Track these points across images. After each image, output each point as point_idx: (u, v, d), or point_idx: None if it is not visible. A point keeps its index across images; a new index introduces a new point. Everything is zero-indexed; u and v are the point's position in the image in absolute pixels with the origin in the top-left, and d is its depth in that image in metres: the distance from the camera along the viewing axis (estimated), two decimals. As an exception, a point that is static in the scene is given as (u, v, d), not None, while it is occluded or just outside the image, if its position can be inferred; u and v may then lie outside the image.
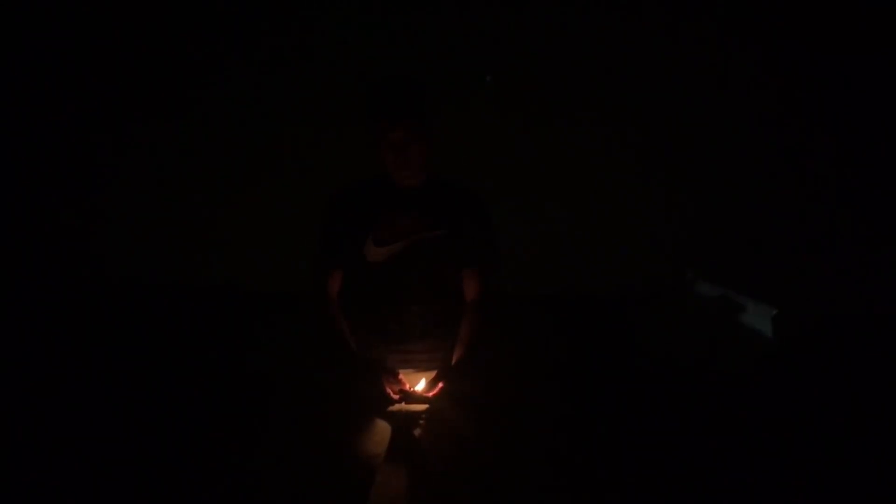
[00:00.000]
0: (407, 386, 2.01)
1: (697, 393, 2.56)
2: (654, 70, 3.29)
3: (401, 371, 2.05)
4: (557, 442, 2.11)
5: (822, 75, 3.22)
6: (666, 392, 2.56)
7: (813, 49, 3.20)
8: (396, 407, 2.00)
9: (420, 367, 2.09)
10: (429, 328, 2.10)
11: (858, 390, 2.63)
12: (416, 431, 1.92)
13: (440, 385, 2.02)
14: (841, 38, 3.18)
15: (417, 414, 1.97)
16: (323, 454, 1.85)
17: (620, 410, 2.41)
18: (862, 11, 3.13)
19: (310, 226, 2.16)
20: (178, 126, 3.50)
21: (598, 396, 2.52)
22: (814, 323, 3.07)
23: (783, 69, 3.24)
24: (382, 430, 1.90)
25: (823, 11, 3.16)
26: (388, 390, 2.00)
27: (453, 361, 2.07)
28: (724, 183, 3.37)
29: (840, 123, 3.27)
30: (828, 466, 2.13)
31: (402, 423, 1.93)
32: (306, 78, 3.38)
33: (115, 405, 2.49)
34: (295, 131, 3.43)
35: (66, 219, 3.68)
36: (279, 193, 3.48)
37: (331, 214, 2.11)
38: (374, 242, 2.05)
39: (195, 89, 3.46)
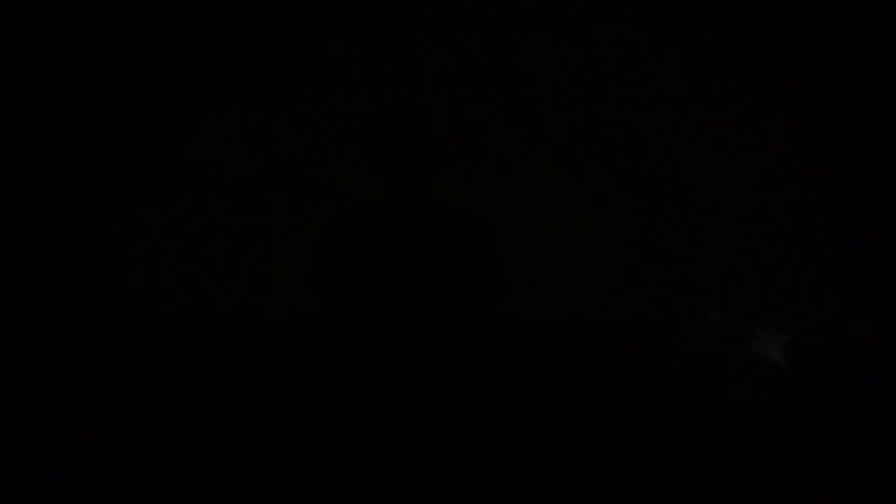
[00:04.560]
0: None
1: (708, 420, 2.53)
2: (654, 75, 3.32)
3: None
4: (560, 447, 2.09)
5: (827, 83, 3.23)
6: (676, 419, 2.53)
7: (817, 49, 3.22)
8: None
9: (419, 385, 2.07)
10: (429, 359, 2.08)
11: (870, 417, 2.58)
12: (418, 434, 1.91)
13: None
14: (843, 30, 3.18)
15: (419, 416, 1.97)
16: (324, 456, 1.85)
17: (627, 430, 2.39)
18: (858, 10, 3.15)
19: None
20: (194, 146, 3.55)
21: (604, 412, 2.50)
22: (826, 349, 3.03)
23: (788, 78, 3.26)
24: (384, 432, 1.90)
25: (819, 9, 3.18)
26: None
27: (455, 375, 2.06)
28: (733, 205, 3.36)
29: (856, 140, 3.27)
30: (837, 493, 2.09)
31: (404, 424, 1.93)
32: (327, 103, 3.44)
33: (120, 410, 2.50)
34: (312, 158, 3.48)
35: (81, 242, 3.71)
36: (294, 219, 3.51)
37: (328, 238, 2.11)
38: (373, 268, 2.05)
39: (216, 110, 3.51)
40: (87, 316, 3.57)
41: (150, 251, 3.66)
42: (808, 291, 3.29)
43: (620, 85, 3.34)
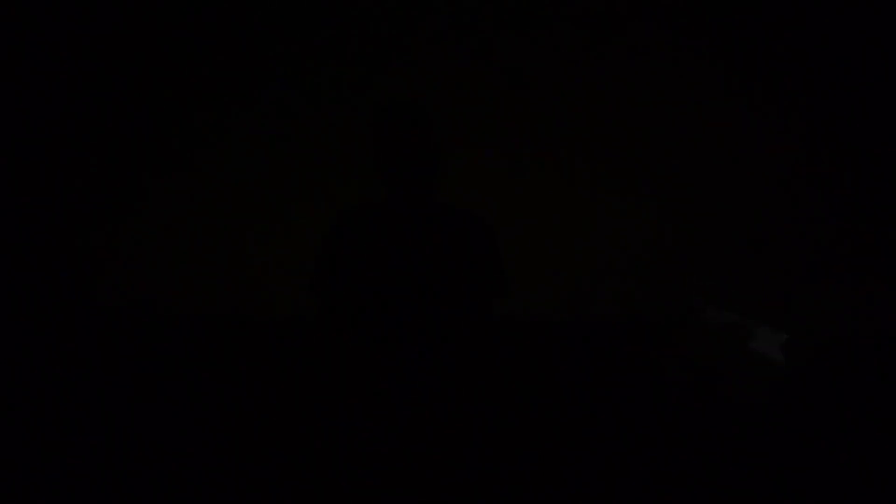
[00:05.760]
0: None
1: (707, 419, 2.53)
2: (655, 76, 3.32)
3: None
4: (560, 446, 2.09)
5: (827, 84, 3.24)
6: (676, 418, 2.53)
7: (817, 50, 3.22)
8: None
9: (420, 390, 2.08)
10: (429, 358, 2.09)
11: (869, 415, 2.58)
12: (418, 434, 1.91)
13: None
14: (843, 30, 3.18)
15: (419, 417, 1.97)
16: (324, 456, 1.85)
17: (627, 430, 2.39)
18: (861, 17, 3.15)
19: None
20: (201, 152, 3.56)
21: (604, 411, 2.50)
22: (825, 348, 3.03)
23: (788, 78, 3.27)
24: (384, 432, 1.90)
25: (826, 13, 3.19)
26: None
27: (455, 380, 2.06)
28: (732, 206, 3.37)
29: (856, 141, 3.27)
30: (837, 492, 2.09)
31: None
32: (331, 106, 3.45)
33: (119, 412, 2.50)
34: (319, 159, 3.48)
35: (81, 242, 3.71)
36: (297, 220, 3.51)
37: (329, 238, 2.11)
38: (374, 268, 2.05)
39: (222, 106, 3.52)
40: (87, 316, 3.57)
41: (150, 251, 3.66)
42: (807, 291, 3.29)
43: (620, 85, 3.35)
